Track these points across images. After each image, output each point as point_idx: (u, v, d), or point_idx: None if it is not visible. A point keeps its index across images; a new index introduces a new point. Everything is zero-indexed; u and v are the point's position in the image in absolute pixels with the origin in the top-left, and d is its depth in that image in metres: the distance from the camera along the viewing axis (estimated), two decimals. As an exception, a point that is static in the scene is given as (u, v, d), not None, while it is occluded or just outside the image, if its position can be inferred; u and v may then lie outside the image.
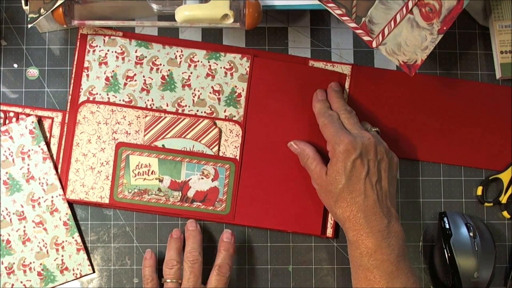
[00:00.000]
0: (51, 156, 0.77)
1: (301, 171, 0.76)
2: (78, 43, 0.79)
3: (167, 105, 0.78)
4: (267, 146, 0.78)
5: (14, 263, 0.75)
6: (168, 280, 0.73)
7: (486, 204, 0.80)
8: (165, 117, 0.78)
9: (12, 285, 0.75)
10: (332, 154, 0.72)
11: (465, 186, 0.81)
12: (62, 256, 0.76)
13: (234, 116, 0.78)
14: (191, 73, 0.79)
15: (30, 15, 0.72)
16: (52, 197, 0.76)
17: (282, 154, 0.78)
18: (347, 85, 0.80)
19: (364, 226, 0.69)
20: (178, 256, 0.74)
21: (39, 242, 0.76)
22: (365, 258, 0.69)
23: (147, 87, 0.78)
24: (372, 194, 0.70)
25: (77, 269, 0.76)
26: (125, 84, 0.78)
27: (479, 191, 0.80)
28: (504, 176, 0.80)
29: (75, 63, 0.78)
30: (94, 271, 0.77)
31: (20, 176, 0.76)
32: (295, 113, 0.78)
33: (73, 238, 0.76)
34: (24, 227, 0.76)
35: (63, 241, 0.76)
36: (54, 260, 0.76)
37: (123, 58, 0.78)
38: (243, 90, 0.79)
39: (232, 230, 0.78)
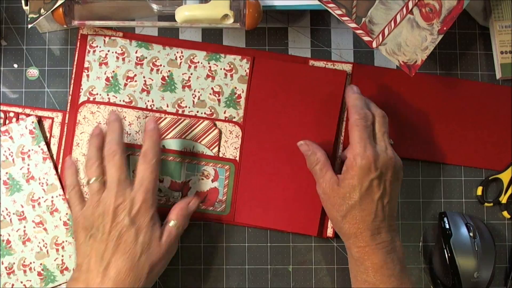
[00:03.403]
0: (51, 156, 0.77)
1: (300, 172, 0.76)
2: (78, 43, 0.79)
3: (167, 106, 0.78)
4: (267, 147, 0.78)
5: (14, 263, 0.75)
6: (91, 181, 0.69)
7: (486, 204, 0.80)
8: (165, 118, 0.78)
9: (12, 285, 0.75)
10: (350, 165, 0.69)
11: (465, 186, 0.81)
12: (62, 256, 0.76)
13: (234, 118, 0.78)
14: (191, 74, 0.79)
15: (30, 15, 0.72)
16: (52, 197, 0.76)
17: (282, 155, 0.78)
18: (347, 84, 0.80)
19: (369, 243, 0.68)
20: (98, 152, 0.71)
21: (39, 242, 0.76)
22: (370, 274, 0.68)
23: (148, 87, 0.78)
24: (381, 214, 0.69)
25: None
26: (126, 84, 0.78)
27: (479, 191, 0.80)
28: (504, 176, 0.80)
29: (75, 63, 0.78)
30: None
31: (20, 176, 0.76)
32: (295, 114, 0.78)
33: (73, 238, 0.76)
34: (24, 227, 0.76)
35: (63, 241, 0.76)
36: (54, 260, 0.76)
37: (123, 59, 0.78)
38: (243, 92, 0.79)
39: (232, 230, 0.78)
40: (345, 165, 0.70)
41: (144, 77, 0.78)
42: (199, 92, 0.79)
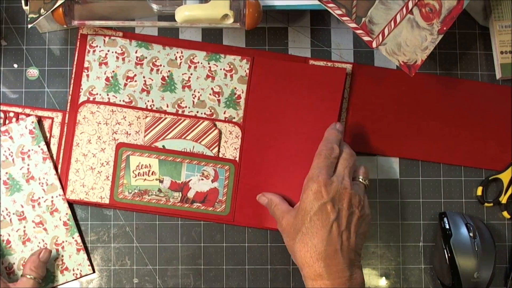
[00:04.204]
0: (51, 156, 0.77)
1: (299, 173, 0.76)
2: (78, 43, 0.79)
3: (167, 106, 0.78)
4: (266, 148, 0.78)
5: (14, 263, 0.75)
6: None
7: (486, 204, 0.80)
8: (165, 118, 0.78)
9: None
10: (304, 189, 0.68)
11: (465, 186, 0.81)
12: (62, 256, 0.76)
13: (234, 118, 0.78)
14: (191, 74, 0.79)
15: (30, 15, 0.72)
16: (52, 197, 0.76)
17: (281, 155, 0.78)
18: (347, 84, 0.80)
19: (324, 277, 0.65)
20: None
21: (39, 242, 0.76)
22: None
23: (147, 87, 0.78)
24: (336, 243, 0.65)
25: (77, 269, 0.76)
26: (125, 84, 0.78)
27: (479, 191, 0.80)
28: (504, 176, 0.80)
29: (75, 63, 0.78)
30: (94, 271, 0.77)
31: (20, 176, 0.76)
32: (294, 114, 0.78)
33: (73, 238, 0.76)
34: (24, 227, 0.76)
35: (63, 241, 0.76)
36: (54, 261, 0.76)
37: (123, 59, 0.78)
38: (242, 92, 0.79)
39: (232, 230, 0.78)
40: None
41: (144, 77, 0.78)
42: (199, 92, 0.79)
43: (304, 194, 0.68)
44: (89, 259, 0.77)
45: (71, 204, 0.77)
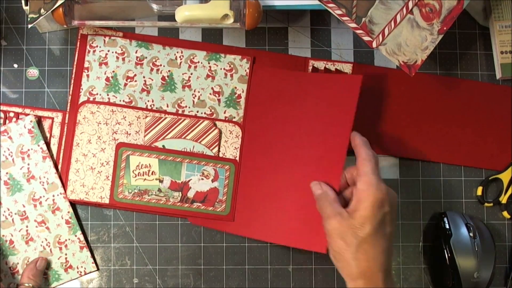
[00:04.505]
0: (51, 155, 0.77)
1: (299, 172, 0.76)
2: (78, 43, 0.79)
3: (167, 106, 0.78)
4: (267, 147, 0.78)
5: (18, 263, 0.76)
6: None
7: (486, 204, 0.80)
8: (165, 117, 0.78)
9: (17, 285, 0.75)
10: (365, 196, 0.64)
11: (465, 186, 0.81)
12: (66, 254, 0.76)
13: (234, 117, 0.78)
14: (191, 74, 0.79)
15: (30, 15, 0.72)
16: (53, 195, 0.76)
17: (281, 155, 0.78)
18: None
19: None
20: None
21: (42, 241, 0.76)
22: None
23: (148, 87, 0.78)
24: (391, 255, 0.65)
25: (81, 266, 0.76)
26: (125, 84, 0.78)
27: (479, 191, 0.80)
28: (504, 176, 0.80)
29: (75, 63, 0.78)
30: (98, 269, 0.77)
31: (20, 176, 0.76)
32: (295, 114, 0.78)
33: (75, 236, 0.76)
34: (27, 226, 0.76)
35: (66, 240, 0.76)
36: (58, 259, 0.76)
37: (123, 59, 0.78)
38: (243, 92, 0.79)
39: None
40: (356, 196, 0.65)
41: (144, 77, 0.78)
42: (199, 92, 0.79)
43: (366, 201, 0.64)
44: (93, 256, 0.77)
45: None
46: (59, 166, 0.77)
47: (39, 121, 0.77)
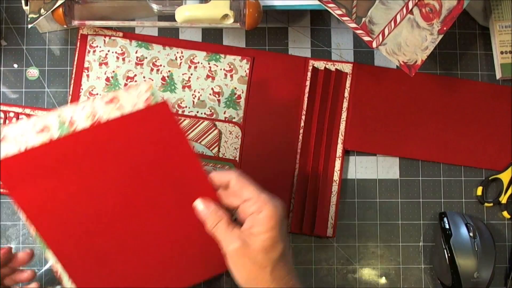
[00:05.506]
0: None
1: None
2: (78, 43, 0.79)
3: (167, 106, 0.78)
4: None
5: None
6: None
7: (486, 204, 0.80)
8: (165, 118, 0.77)
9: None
10: (270, 216, 0.59)
11: (465, 186, 0.81)
12: None
13: (234, 118, 0.78)
14: (191, 74, 0.79)
15: (30, 15, 0.72)
16: None
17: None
18: (348, 84, 0.80)
19: None
20: None
21: None
22: None
23: (147, 87, 0.78)
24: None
25: None
26: (126, 84, 0.78)
27: (479, 191, 0.80)
28: (504, 176, 0.80)
29: (75, 63, 0.78)
30: None
31: None
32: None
33: None
34: None
35: None
36: None
37: (123, 59, 0.78)
38: (242, 92, 0.79)
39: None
40: (254, 217, 0.60)
41: (144, 77, 0.78)
42: (199, 92, 0.79)
43: (272, 221, 0.59)
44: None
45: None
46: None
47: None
